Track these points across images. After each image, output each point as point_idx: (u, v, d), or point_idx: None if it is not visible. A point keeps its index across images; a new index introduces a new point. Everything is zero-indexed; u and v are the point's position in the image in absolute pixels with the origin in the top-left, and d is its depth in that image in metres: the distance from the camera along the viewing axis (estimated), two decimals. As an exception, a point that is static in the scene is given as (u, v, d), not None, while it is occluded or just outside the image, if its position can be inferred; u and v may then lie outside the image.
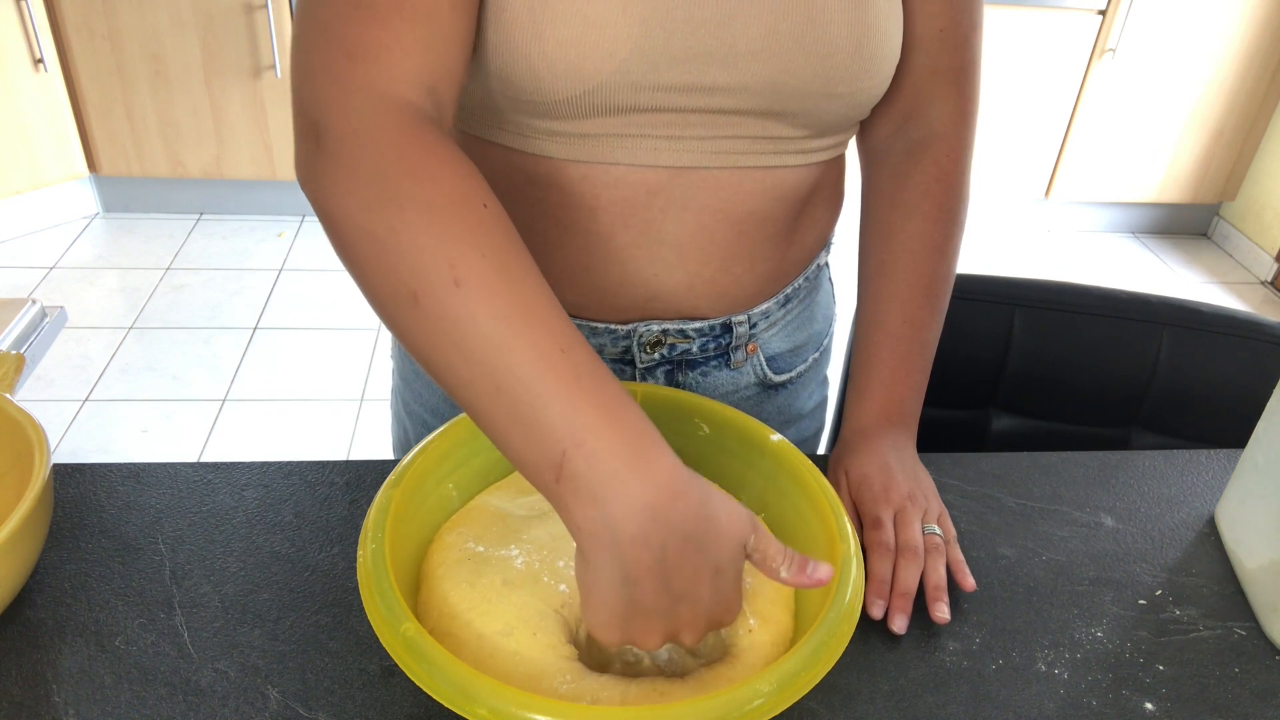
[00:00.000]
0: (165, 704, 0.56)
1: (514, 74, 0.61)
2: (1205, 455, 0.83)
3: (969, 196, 0.77)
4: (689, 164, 0.67)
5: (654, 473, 0.47)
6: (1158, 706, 0.60)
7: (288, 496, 0.72)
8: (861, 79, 0.66)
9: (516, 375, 0.47)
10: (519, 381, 0.47)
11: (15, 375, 0.69)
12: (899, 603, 0.64)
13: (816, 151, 0.71)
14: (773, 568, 0.51)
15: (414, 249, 0.49)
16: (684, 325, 0.76)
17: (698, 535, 0.48)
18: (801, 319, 0.83)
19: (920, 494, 0.70)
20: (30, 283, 2.71)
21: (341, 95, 0.52)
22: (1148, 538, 0.73)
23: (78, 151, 2.84)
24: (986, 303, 1.07)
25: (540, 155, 0.67)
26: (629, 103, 0.63)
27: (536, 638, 0.56)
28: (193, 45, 2.72)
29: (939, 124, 0.75)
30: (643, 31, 0.60)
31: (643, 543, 0.47)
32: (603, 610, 0.49)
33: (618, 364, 0.77)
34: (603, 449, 0.46)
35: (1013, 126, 3.08)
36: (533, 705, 0.46)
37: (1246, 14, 2.92)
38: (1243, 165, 3.22)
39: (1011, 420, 1.11)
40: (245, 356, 2.47)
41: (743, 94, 0.64)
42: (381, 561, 0.53)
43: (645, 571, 0.47)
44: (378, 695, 0.57)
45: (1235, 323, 1.03)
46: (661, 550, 0.47)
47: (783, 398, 0.85)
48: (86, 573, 0.64)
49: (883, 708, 0.59)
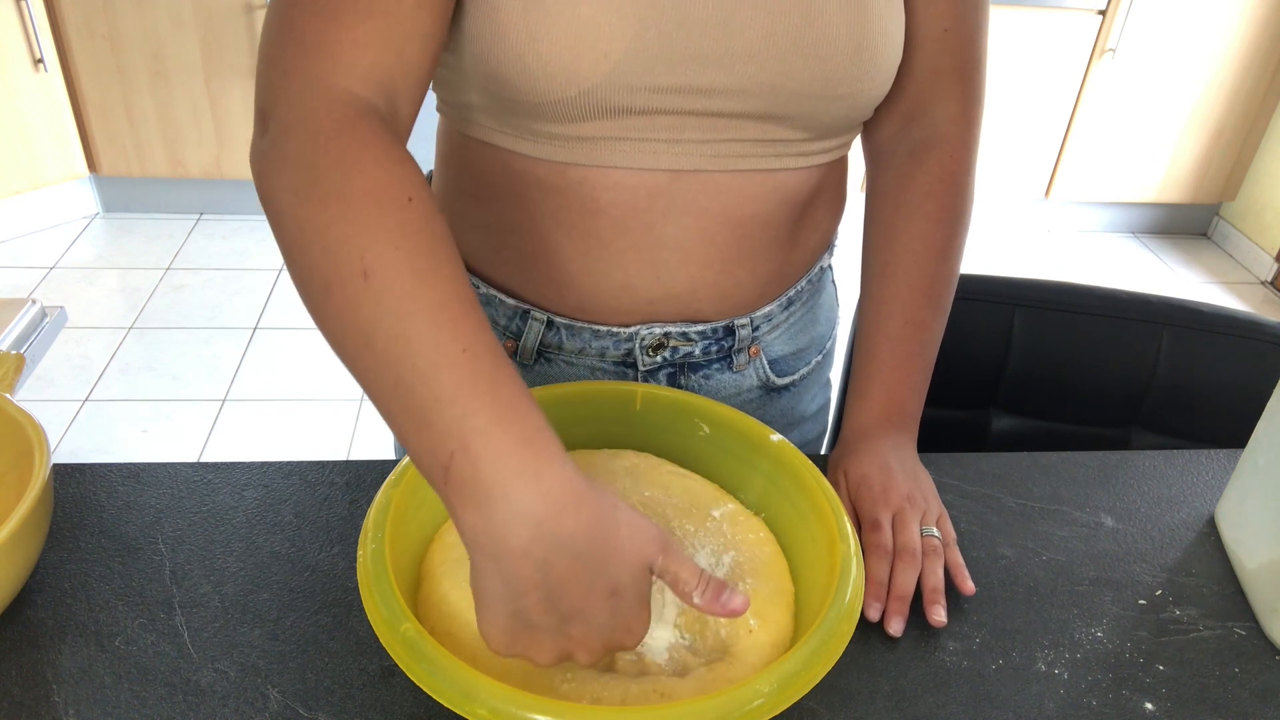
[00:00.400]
0: (165, 704, 0.56)
1: (509, 75, 0.61)
2: (1205, 455, 0.83)
3: (973, 197, 0.77)
4: (689, 167, 0.67)
5: (543, 484, 0.45)
6: (1158, 706, 0.60)
7: (288, 496, 0.72)
8: (861, 80, 0.65)
9: (415, 372, 0.46)
10: (417, 378, 0.46)
11: (15, 375, 0.69)
12: (895, 605, 0.64)
13: (818, 154, 0.71)
14: (685, 592, 0.49)
15: (328, 240, 0.49)
16: (686, 328, 0.76)
17: (589, 554, 0.46)
18: (805, 321, 0.83)
19: (919, 495, 0.70)
20: (30, 283, 2.71)
21: (288, 85, 0.53)
22: (1148, 538, 0.73)
23: (78, 151, 2.84)
24: (986, 303, 1.07)
25: (538, 158, 0.67)
26: (626, 104, 0.63)
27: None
28: (193, 45, 2.72)
29: (943, 124, 0.75)
30: (638, 32, 0.60)
31: (524, 557, 0.45)
32: (489, 621, 0.48)
33: (620, 366, 0.77)
34: (489, 454, 0.45)
35: (1013, 126, 3.08)
36: (533, 705, 0.46)
37: (1246, 14, 2.92)
38: (1243, 165, 3.22)
39: (1011, 420, 1.11)
40: (245, 356, 2.47)
41: (741, 96, 0.64)
42: (381, 561, 0.53)
43: (529, 586, 0.46)
44: (378, 695, 0.57)
45: (1235, 323, 1.03)
46: (545, 566, 0.46)
47: (785, 400, 0.85)
48: (86, 573, 0.64)
49: (883, 708, 0.59)
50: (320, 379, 2.41)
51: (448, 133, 0.74)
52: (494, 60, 0.61)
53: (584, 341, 0.75)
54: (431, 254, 0.49)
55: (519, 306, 0.76)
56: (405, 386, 0.47)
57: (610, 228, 0.69)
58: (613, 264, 0.71)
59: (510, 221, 0.72)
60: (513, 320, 0.77)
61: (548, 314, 0.75)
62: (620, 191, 0.67)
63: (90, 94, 2.75)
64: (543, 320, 0.75)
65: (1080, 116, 3.08)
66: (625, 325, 0.75)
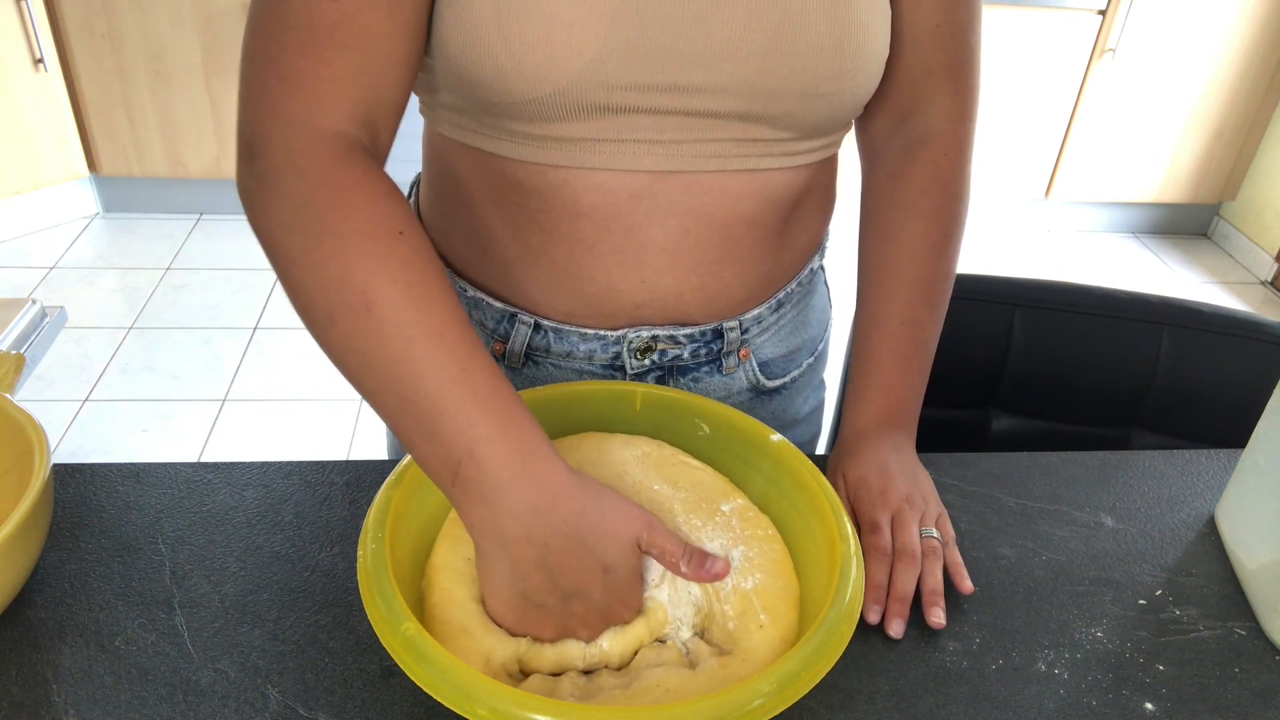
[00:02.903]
0: (165, 704, 0.56)
1: (482, 76, 0.61)
2: (1205, 455, 0.83)
3: (969, 195, 0.76)
4: (671, 168, 0.66)
5: (539, 479, 0.52)
6: (1158, 706, 0.60)
7: (288, 496, 0.72)
8: (843, 79, 0.65)
9: (420, 390, 0.52)
10: (423, 396, 0.52)
11: (15, 375, 0.69)
12: (895, 607, 0.63)
13: (804, 153, 0.70)
14: (672, 563, 0.55)
15: (329, 275, 0.53)
16: (674, 331, 0.75)
17: (581, 535, 0.53)
18: (795, 323, 0.83)
19: (918, 496, 0.70)
20: (30, 283, 2.71)
21: (275, 124, 0.56)
22: (1148, 538, 0.73)
23: (78, 151, 2.84)
24: (986, 303, 1.07)
25: (518, 160, 0.67)
26: (603, 103, 0.62)
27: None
28: (193, 45, 2.72)
29: (937, 122, 0.74)
30: (611, 29, 0.60)
31: (527, 541, 0.52)
32: (498, 602, 0.55)
33: (608, 370, 0.77)
34: (493, 458, 0.52)
35: (1013, 126, 3.08)
36: (533, 705, 0.46)
37: (1246, 14, 2.92)
38: (1243, 165, 3.22)
39: (1011, 420, 1.11)
40: (245, 356, 2.47)
41: (721, 95, 0.63)
42: (381, 561, 0.53)
43: (532, 568, 0.53)
44: (378, 695, 0.57)
45: (1235, 323, 1.03)
46: (544, 549, 0.52)
47: (777, 403, 0.85)
48: (86, 573, 0.64)
49: (883, 708, 0.59)
50: (320, 379, 2.40)
51: (430, 136, 0.74)
52: (467, 61, 0.61)
53: (571, 345, 0.75)
54: (425, 282, 0.54)
55: (506, 309, 0.75)
56: (411, 404, 0.52)
57: (593, 231, 0.69)
58: (597, 267, 0.70)
59: (493, 224, 0.71)
60: (500, 323, 0.76)
61: (535, 317, 0.75)
62: (602, 194, 0.67)
63: (90, 94, 2.75)
64: (530, 323, 0.75)
65: (1080, 116, 3.08)
66: (612, 328, 0.74)
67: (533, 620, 0.55)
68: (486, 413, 0.52)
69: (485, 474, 0.51)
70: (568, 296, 0.73)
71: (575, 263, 0.70)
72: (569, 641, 0.56)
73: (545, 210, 0.68)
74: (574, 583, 0.53)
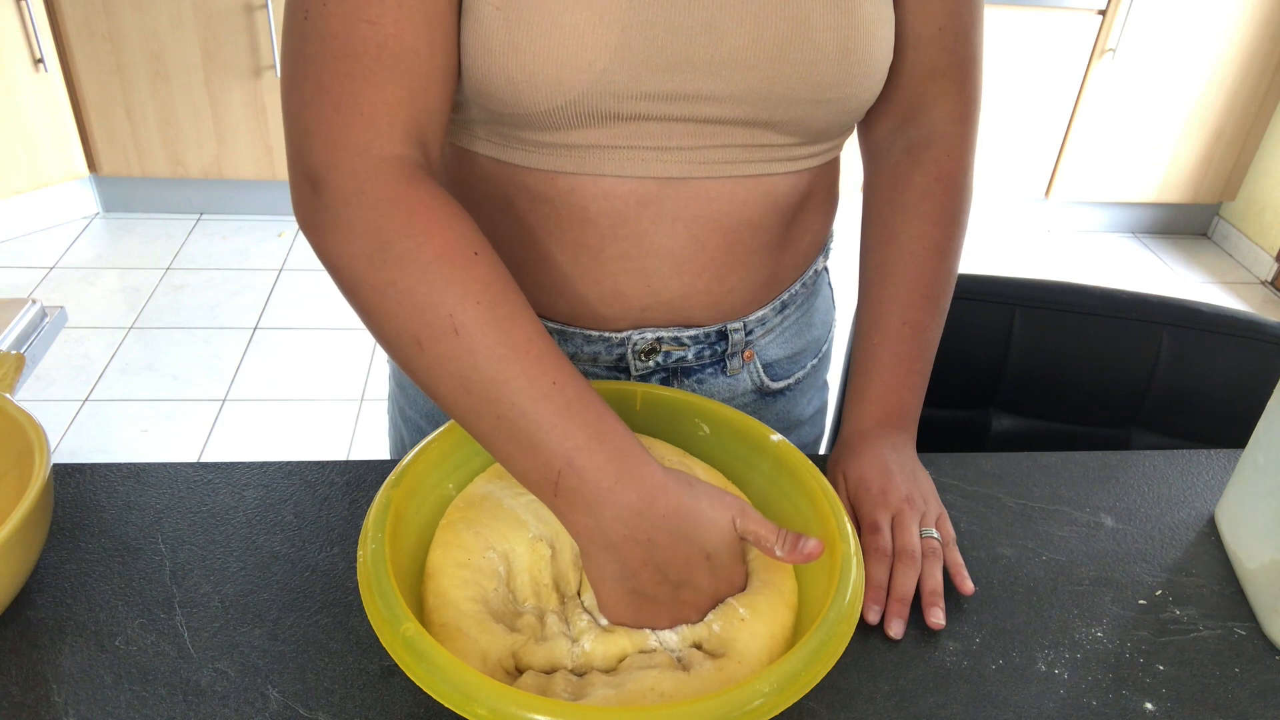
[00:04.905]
0: (165, 704, 0.56)
1: (493, 88, 0.61)
2: (1205, 455, 0.83)
3: (971, 197, 0.77)
4: (678, 174, 0.67)
5: (637, 481, 0.54)
6: (1158, 706, 0.60)
7: (288, 496, 0.72)
8: (850, 84, 0.65)
9: (515, 407, 0.54)
10: (518, 412, 0.54)
11: (15, 375, 0.69)
12: (895, 608, 0.64)
13: (808, 158, 0.70)
14: (767, 548, 0.56)
15: (414, 302, 0.54)
16: (679, 333, 0.75)
17: (682, 528, 0.55)
18: (799, 325, 0.83)
19: (919, 496, 0.70)
20: (30, 283, 2.71)
21: (337, 155, 0.56)
22: (1148, 538, 0.73)
23: (78, 151, 2.84)
24: (986, 303, 1.07)
25: (527, 167, 0.67)
26: (612, 111, 0.63)
27: (536, 638, 0.56)
28: (193, 45, 2.72)
29: (939, 124, 0.75)
30: (622, 40, 0.60)
31: (633, 541, 0.54)
32: (612, 601, 0.57)
33: (612, 371, 0.77)
34: (592, 466, 0.53)
35: (1013, 126, 3.08)
36: (533, 705, 0.46)
37: (1246, 14, 2.92)
38: (1243, 165, 3.22)
39: (1011, 420, 1.11)
40: (245, 356, 2.47)
41: (729, 102, 0.63)
42: (381, 561, 0.53)
43: (640, 565, 0.55)
44: (378, 695, 0.57)
45: (1235, 323, 1.03)
46: (650, 545, 0.54)
47: (781, 404, 0.85)
48: (86, 573, 0.64)
49: (883, 708, 0.59)
50: (320, 379, 2.41)
51: None
52: (479, 72, 0.61)
53: (576, 346, 0.75)
54: (507, 301, 0.55)
55: None
56: (507, 420, 0.54)
57: (600, 236, 0.69)
58: (603, 272, 0.71)
59: (499, 229, 0.71)
60: None
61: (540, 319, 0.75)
62: (610, 200, 0.67)
63: (90, 94, 2.75)
64: None
65: (1080, 116, 3.08)
66: (617, 330, 0.74)
67: (649, 613, 0.57)
68: (580, 424, 0.54)
69: (585, 482, 0.53)
70: (573, 300, 0.73)
71: (582, 267, 0.71)
72: (559, 639, 0.57)
73: (553, 216, 0.69)
74: (681, 573, 0.55)
